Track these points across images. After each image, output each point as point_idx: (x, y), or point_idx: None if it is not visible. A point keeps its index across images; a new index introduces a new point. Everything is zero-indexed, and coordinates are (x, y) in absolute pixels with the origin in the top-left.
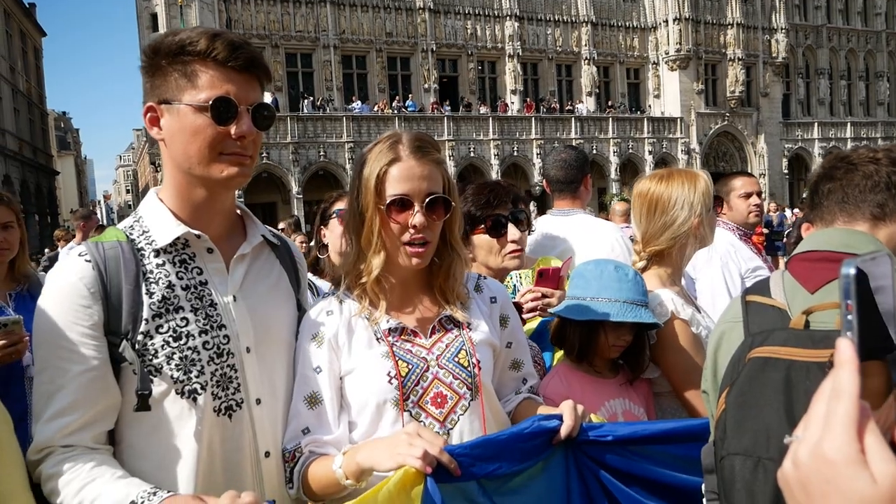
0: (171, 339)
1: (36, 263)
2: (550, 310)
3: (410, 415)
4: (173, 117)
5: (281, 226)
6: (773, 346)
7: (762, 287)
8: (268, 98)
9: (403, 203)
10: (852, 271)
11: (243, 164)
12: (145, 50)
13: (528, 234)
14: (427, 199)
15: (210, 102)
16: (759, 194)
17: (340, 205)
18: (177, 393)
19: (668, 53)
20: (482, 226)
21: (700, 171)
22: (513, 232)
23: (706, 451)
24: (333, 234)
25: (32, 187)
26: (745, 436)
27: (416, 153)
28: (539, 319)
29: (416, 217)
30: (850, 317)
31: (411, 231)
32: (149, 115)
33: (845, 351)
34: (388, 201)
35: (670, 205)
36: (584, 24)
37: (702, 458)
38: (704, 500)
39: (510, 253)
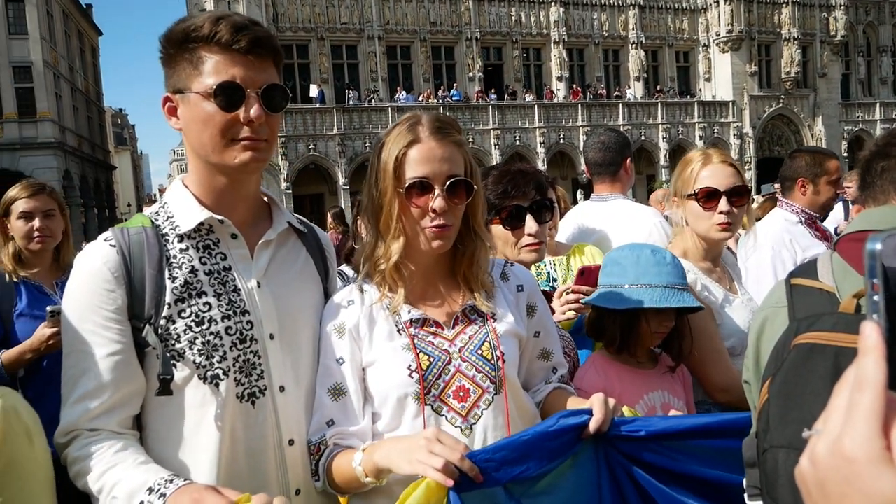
0: (193, 324)
1: None
2: (584, 300)
3: (432, 409)
4: (186, 107)
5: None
6: (821, 332)
7: (809, 269)
8: (313, 91)
9: (423, 186)
10: (878, 247)
11: (257, 148)
12: (160, 40)
13: (559, 219)
14: (448, 182)
15: (214, 89)
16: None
17: None
18: (199, 378)
19: (719, 35)
20: (498, 217)
21: (696, 156)
22: (530, 225)
23: (748, 443)
24: None
25: (91, 182)
26: (790, 427)
27: (437, 134)
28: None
29: (437, 201)
30: (876, 297)
31: (431, 215)
32: (167, 105)
33: (870, 336)
34: (407, 184)
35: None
36: (631, 8)
37: (743, 451)
38: (746, 495)
39: (526, 246)
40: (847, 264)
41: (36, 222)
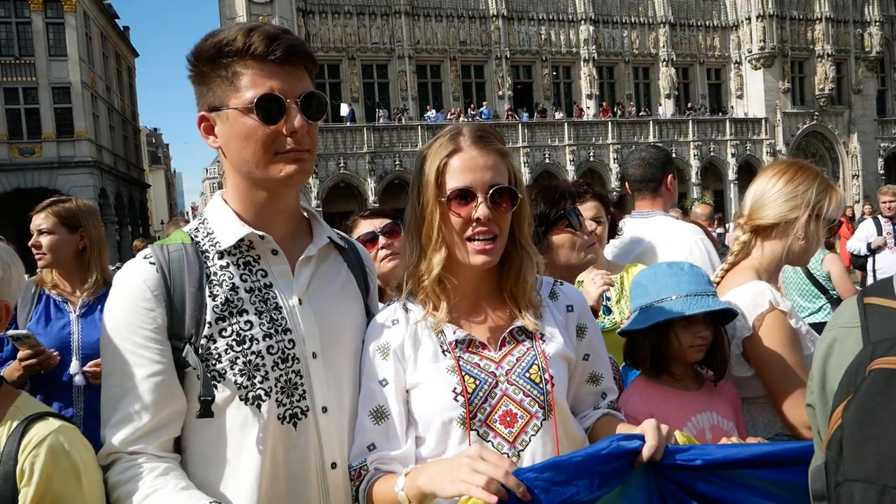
0: (234, 343)
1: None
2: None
3: (478, 434)
4: (224, 124)
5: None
6: None
7: (884, 288)
8: (344, 110)
9: (466, 195)
10: None
11: (301, 159)
12: (188, 58)
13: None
14: (491, 190)
15: (254, 103)
16: None
17: (356, 232)
18: (241, 399)
19: (751, 52)
20: (562, 222)
21: (838, 191)
22: (589, 221)
23: (816, 473)
24: None
25: (126, 200)
26: (868, 459)
27: (478, 143)
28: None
29: (480, 209)
30: None
31: (474, 225)
32: (203, 124)
33: None
34: (448, 194)
35: (794, 184)
36: (661, 25)
37: (810, 481)
38: None
39: (591, 245)
40: None
41: (33, 240)
